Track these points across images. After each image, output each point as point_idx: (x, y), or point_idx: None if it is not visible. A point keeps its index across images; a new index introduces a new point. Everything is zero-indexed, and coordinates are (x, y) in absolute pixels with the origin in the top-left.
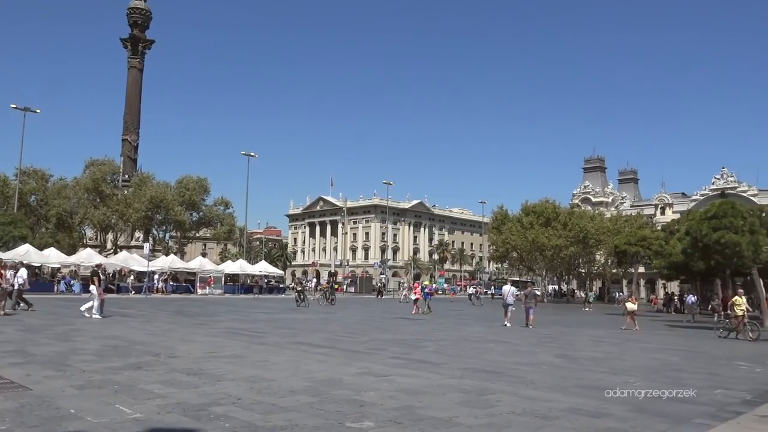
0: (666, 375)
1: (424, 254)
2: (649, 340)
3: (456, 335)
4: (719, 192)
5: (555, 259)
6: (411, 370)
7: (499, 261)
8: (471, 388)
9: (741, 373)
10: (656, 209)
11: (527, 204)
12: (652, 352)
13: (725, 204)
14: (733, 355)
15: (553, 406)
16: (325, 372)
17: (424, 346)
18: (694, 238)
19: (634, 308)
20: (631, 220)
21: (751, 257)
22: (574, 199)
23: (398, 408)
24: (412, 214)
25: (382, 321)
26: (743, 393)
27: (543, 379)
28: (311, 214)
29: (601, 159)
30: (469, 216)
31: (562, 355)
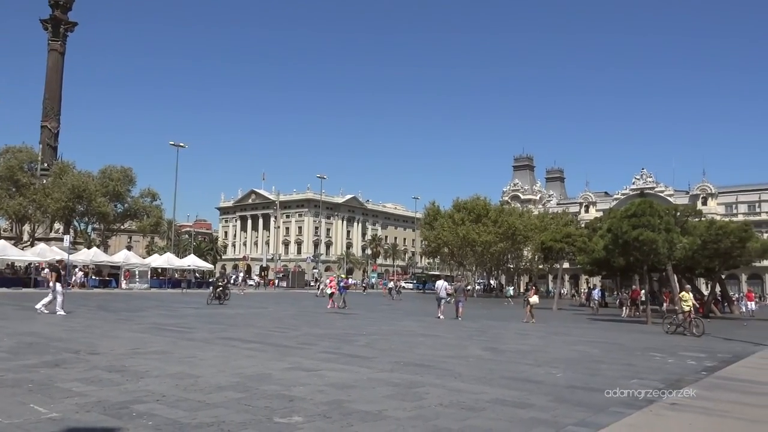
0: (586, 366)
1: (358, 249)
2: (571, 333)
3: (387, 329)
4: (639, 192)
5: (485, 255)
6: (341, 364)
7: (430, 256)
8: (400, 382)
9: (655, 363)
10: (581, 207)
11: (459, 200)
12: (575, 345)
13: (644, 203)
14: (648, 347)
15: (479, 397)
16: (255, 367)
17: (355, 340)
18: (615, 236)
19: (535, 301)
20: (558, 218)
21: (666, 254)
22: (504, 196)
23: (327, 402)
24: (346, 208)
25: (315, 316)
26: (656, 382)
27: (470, 371)
28: (243, 208)
29: (529, 158)
30: (402, 211)
31: (489, 348)
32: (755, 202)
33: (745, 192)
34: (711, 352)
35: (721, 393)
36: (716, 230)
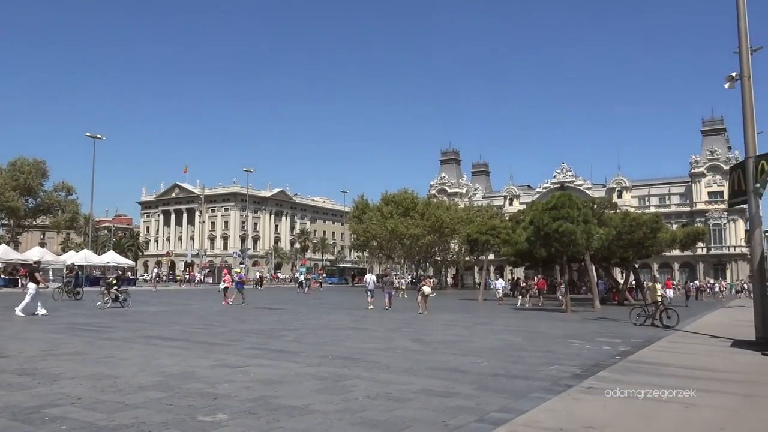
0: (509, 354)
1: (286, 243)
2: (496, 322)
3: (315, 323)
4: (559, 185)
5: (413, 248)
6: (268, 360)
7: (359, 250)
8: (328, 375)
9: (573, 349)
10: (505, 200)
11: (387, 194)
12: (499, 334)
13: (563, 196)
14: (568, 334)
15: (406, 388)
16: (178, 366)
17: (282, 335)
18: (537, 228)
19: (428, 292)
20: (483, 211)
21: (584, 245)
22: (432, 189)
23: (254, 399)
24: (274, 202)
25: (241, 311)
26: (574, 368)
27: (398, 363)
28: (166, 202)
29: (456, 152)
30: (331, 205)
31: (416, 340)
32: (665, 194)
33: (656, 185)
34: (625, 338)
35: (633, 376)
36: (630, 221)
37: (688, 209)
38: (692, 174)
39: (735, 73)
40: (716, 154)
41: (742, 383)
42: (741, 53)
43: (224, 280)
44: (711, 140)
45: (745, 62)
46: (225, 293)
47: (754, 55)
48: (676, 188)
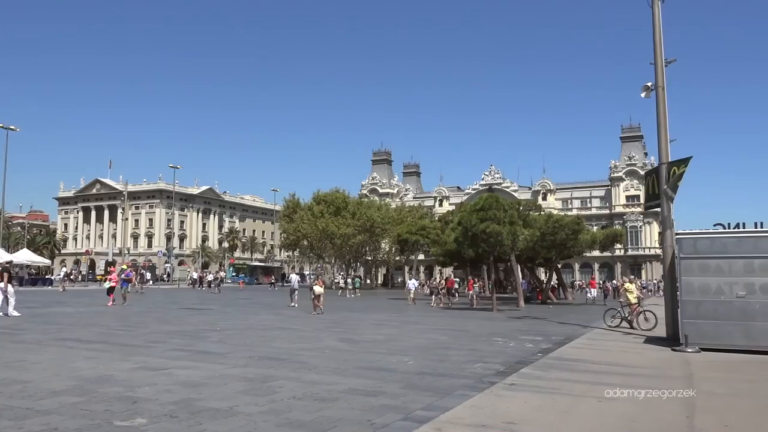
0: (436, 353)
1: (214, 242)
2: (424, 322)
3: (243, 324)
4: (487, 187)
5: (344, 247)
6: (192, 361)
7: (290, 249)
8: (254, 377)
9: (497, 347)
10: (435, 201)
11: (319, 193)
12: (426, 333)
13: (491, 198)
14: (493, 332)
15: (333, 388)
16: (95, 369)
17: (208, 336)
18: (465, 228)
19: (321, 291)
20: (414, 211)
21: (510, 245)
22: (363, 189)
23: (175, 402)
24: (201, 200)
25: (165, 312)
26: (498, 365)
27: (326, 363)
28: (86, 198)
29: (387, 152)
30: (261, 203)
31: (345, 339)
32: (587, 198)
33: (578, 189)
34: (546, 336)
35: (553, 372)
36: (553, 223)
37: (607, 212)
38: (612, 178)
39: (650, 83)
40: (634, 160)
41: (653, 377)
42: (656, 65)
43: (110, 278)
44: (629, 146)
45: (660, 73)
46: (110, 294)
47: (669, 66)
48: (596, 192)
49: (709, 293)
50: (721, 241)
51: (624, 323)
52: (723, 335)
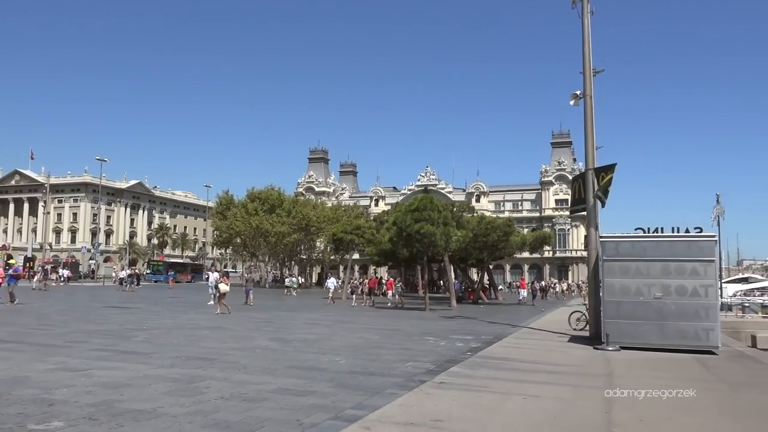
0: (368, 352)
1: (143, 238)
2: (357, 321)
3: (170, 323)
4: (423, 188)
5: (278, 246)
6: (115, 362)
7: (222, 246)
8: (180, 377)
9: (429, 346)
10: (371, 201)
11: (253, 190)
12: (359, 332)
13: (425, 198)
14: (425, 332)
15: (262, 388)
16: (8, 370)
17: (133, 336)
18: (400, 228)
19: (226, 290)
20: (349, 210)
21: (443, 246)
22: (299, 187)
23: (95, 404)
24: (130, 194)
25: (88, 310)
26: (428, 364)
27: (256, 362)
28: (4, 190)
29: (324, 151)
30: (193, 199)
31: (276, 339)
32: (518, 200)
33: (510, 191)
34: (476, 335)
35: (481, 370)
36: (486, 225)
37: (537, 215)
38: (542, 182)
39: (579, 92)
40: (563, 165)
41: (575, 375)
42: (585, 74)
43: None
44: (559, 152)
45: (588, 82)
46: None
47: (597, 76)
48: (528, 195)
49: (629, 294)
50: (641, 244)
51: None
52: (641, 334)
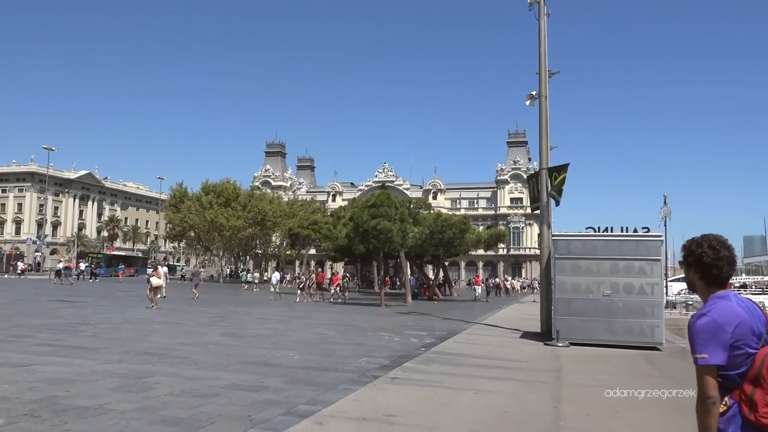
0: (322, 347)
1: (92, 231)
2: (312, 316)
3: (120, 318)
4: (380, 184)
5: (233, 240)
6: (60, 357)
7: (175, 240)
8: (129, 373)
9: (383, 342)
10: (329, 196)
11: (208, 183)
12: (313, 328)
13: (382, 195)
14: (379, 327)
15: (214, 384)
16: None
17: (80, 330)
18: (356, 224)
19: (159, 283)
20: (306, 205)
21: (399, 242)
22: (255, 181)
23: (38, 400)
24: (79, 185)
25: (34, 304)
26: (382, 359)
27: (207, 358)
28: None
29: (281, 144)
30: (145, 192)
31: (229, 334)
32: (474, 198)
33: (467, 189)
34: (431, 330)
35: (434, 366)
36: (442, 222)
37: (493, 213)
38: (498, 181)
39: (534, 92)
40: (518, 164)
41: (526, 370)
42: (540, 75)
43: None
44: (515, 151)
45: (544, 83)
46: None
47: (552, 77)
48: (483, 193)
49: (579, 291)
50: (591, 243)
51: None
52: (590, 330)
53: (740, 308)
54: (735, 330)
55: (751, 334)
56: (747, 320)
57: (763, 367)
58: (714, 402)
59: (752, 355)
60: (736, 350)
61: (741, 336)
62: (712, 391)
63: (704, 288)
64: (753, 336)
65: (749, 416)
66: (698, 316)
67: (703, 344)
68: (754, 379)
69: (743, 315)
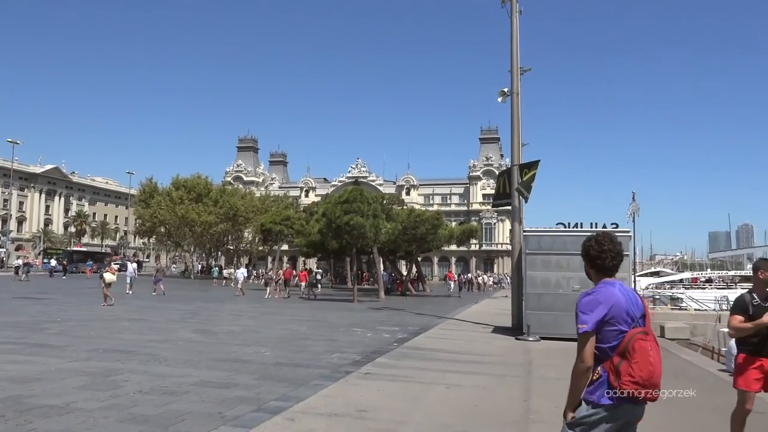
0: (294, 344)
1: (59, 226)
2: (284, 312)
3: (88, 315)
4: (354, 180)
5: (204, 236)
6: (25, 355)
7: (145, 236)
8: (96, 371)
9: (356, 338)
10: (301, 192)
11: (179, 178)
12: (286, 324)
13: (355, 191)
14: (352, 323)
15: (183, 381)
16: None
17: (46, 328)
18: (329, 220)
19: (112, 279)
20: (279, 201)
21: (372, 238)
22: (227, 176)
23: (2, 399)
24: (45, 180)
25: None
26: (355, 355)
27: (177, 355)
28: None
29: (254, 139)
30: (114, 187)
31: (200, 331)
32: (447, 194)
33: (440, 185)
34: (403, 326)
35: (406, 361)
36: (415, 218)
37: (465, 209)
38: (470, 177)
39: (506, 89)
40: (491, 160)
41: (497, 365)
42: (512, 72)
43: None
44: (487, 148)
45: (516, 80)
46: None
47: (524, 75)
48: (456, 189)
49: (549, 286)
50: (561, 238)
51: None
52: (560, 325)
53: (620, 293)
54: (610, 309)
55: (626, 314)
56: (623, 303)
57: (629, 343)
58: (588, 368)
59: (623, 333)
60: (609, 326)
61: (615, 315)
62: (589, 359)
63: (595, 276)
64: (627, 317)
65: (614, 383)
66: (584, 294)
67: (584, 316)
68: (621, 352)
69: (621, 298)
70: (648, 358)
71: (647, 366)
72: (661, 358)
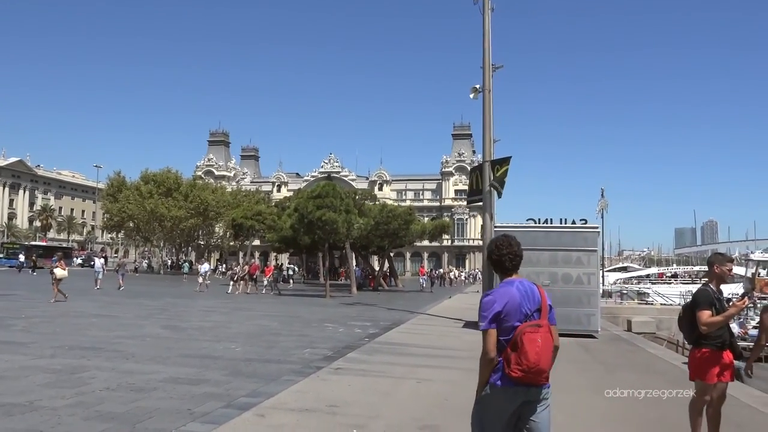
0: (265, 339)
1: (23, 220)
2: (255, 308)
3: (54, 311)
4: (326, 175)
5: (174, 231)
6: None
7: (113, 230)
8: (62, 368)
9: (327, 333)
10: (274, 186)
11: (147, 172)
12: (257, 319)
13: (328, 186)
14: (324, 318)
15: (152, 377)
16: None
17: (10, 324)
18: (301, 215)
19: (63, 275)
20: (250, 196)
21: (345, 233)
22: (198, 171)
23: None
24: (9, 173)
25: None
26: (326, 350)
27: (145, 351)
28: None
29: (225, 134)
30: (81, 180)
31: (169, 327)
32: (420, 190)
33: (412, 181)
34: (375, 321)
35: (378, 356)
36: (387, 213)
37: (438, 204)
38: (443, 173)
39: (478, 86)
40: (463, 156)
41: (467, 359)
42: (484, 69)
43: None
44: (460, 143)
45: (487, 77)
46: None
47: (496, 72)
48: (429, 184)
49: None
50: (532, 234)
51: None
52: None
53: (517, 292)
54: (504, 306)
55: (519, 311)
56: (518, 301)
57: (518, 336)
58: (491, 359)
59: (515, 327)
60: (505, 322)
61: (508, 312)
62: (491, 351)
63: (499, 275)
64: (520, 313)
65: (506, 370)
66: (485, 295)
67: (483, 315)
68: (513, 344)
69: (516, 297)
70: (535, 348)
71: (534, 355)
72: (553, 345)
